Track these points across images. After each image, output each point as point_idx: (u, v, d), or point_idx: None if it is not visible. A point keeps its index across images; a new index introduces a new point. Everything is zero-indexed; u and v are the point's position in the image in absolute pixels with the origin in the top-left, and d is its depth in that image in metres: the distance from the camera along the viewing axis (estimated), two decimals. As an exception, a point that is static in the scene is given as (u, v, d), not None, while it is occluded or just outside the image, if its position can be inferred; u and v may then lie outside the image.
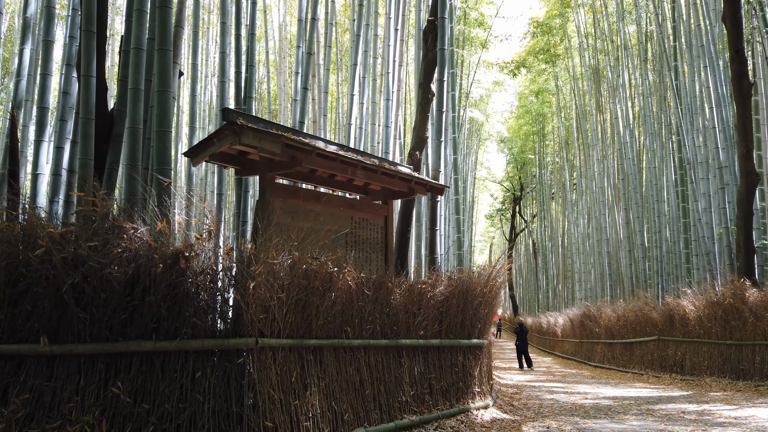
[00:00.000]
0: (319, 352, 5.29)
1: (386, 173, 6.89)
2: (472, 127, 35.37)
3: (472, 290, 7.72)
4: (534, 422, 7.78)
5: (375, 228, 7.49)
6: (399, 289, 6.40)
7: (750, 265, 12.13)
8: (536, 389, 12.73)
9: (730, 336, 12.51)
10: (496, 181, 59.41)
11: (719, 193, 15.24)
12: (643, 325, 16.59)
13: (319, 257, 5.30)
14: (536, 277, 50.09)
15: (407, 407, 6.27)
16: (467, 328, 7.65)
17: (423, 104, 8.57)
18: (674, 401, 10.03)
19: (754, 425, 7.28)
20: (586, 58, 28.04)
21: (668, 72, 17.91)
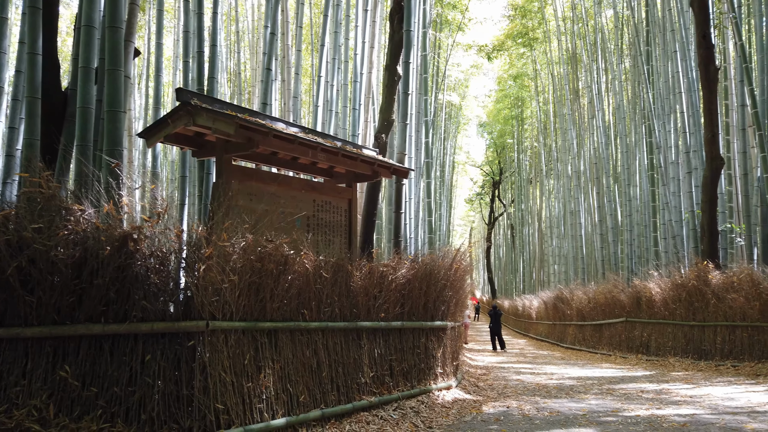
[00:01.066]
0: (274, 335, 5.28)
1: (348, 156, 6.85)
2: (451, 111, 35.33)
3: (435, 273, 7.75)
4: (495, 402, 7.91)
5: (338, 211, 7.47)
6: (359, 272, 6.40)
7: (714, 248, 12.38)
8: (505, 370, 12.92)
9: (693, 317, 12.80)
10: (475, 166, 59.58)
11: (687, 177, 15.48)
12: (612, 307, 16.89)
13: (274, 240, 5.27)
14: (514, 261, 50.63)
15: (366, 389, 6.31)
16: (431, 310, 7.70)
17: (389, 86, 8.51)
18: (636, 381, 10.26)
19: (707, 403, 7.48)
20: (564, 42, 28.08)
21: (640, 57, 18.03)
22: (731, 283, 11.70)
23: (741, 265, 11.85)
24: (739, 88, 13.67)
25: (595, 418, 6.57)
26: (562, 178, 30.58)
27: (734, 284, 11.62)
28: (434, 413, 6.74)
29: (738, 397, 7.91)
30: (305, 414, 5.34)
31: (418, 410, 6.67)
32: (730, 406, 7.18)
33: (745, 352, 11.39)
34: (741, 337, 11.54)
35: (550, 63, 30.71)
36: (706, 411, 6.90)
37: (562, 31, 28.04)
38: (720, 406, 7.20)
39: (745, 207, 13.71)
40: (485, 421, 6.54)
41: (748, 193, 13.66)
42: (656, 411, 6.94)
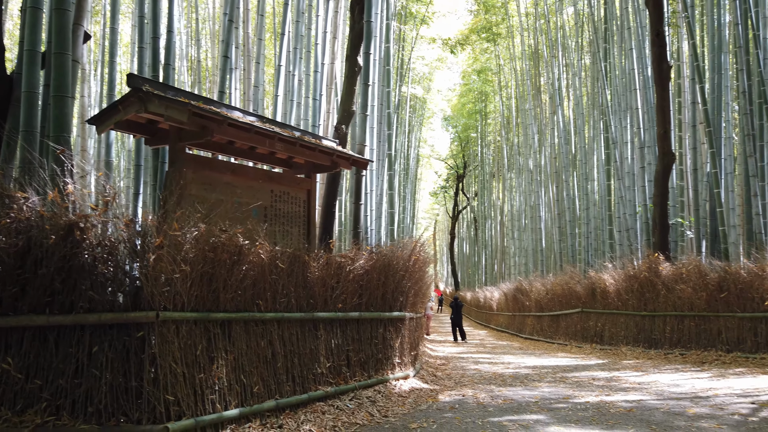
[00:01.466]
0: (228, 326, 5.23)
1: (306, 146, 6.81)
2: (416, 104, 35.44)
3: (394, 264, 7.80)
4: (452, 391, 8.03)
5: (297, 202, 7.43)
6: (316, 263, 6.39)
7: (665, 240, 12.81)
8: (464, 360, 13.12)
9: (644, 307, 13.23)
10: (440, 159, 60.01)
11: (641, 172, 15.95)
12: (568, 299, 17.31)
13: (228, 230, 5.21)
14: (477, 253, 51.31)
15: (323, 379, 6.32)
16: (389, 301, 7.75)
17: (349, 77, 8.47)
18: (589, 369, 10.56)
19: (654, 389, 7.76)
20: (526, 38, 28.47)
21: (598, 54, 18.45)
22: (680, 275, 12.15)
23: (690, 257, 12.31)
24: (691, 86, 14.16)
25: (546, 405, 6.74)
26: (523, 172, 31.11)
27: (683, 275, 12.06)
28: (391, 402, 6.80)
29: (683, 384, 8.23)
30: (259, 405, 5.31)
31: (374, 400, 6.72)
32: (675, 392, 7.47)
33: (693, 340, 11.85)
34: (689, 326, 12.00)
35: (513, 58, 31.11)
36: (653, 397, 7.16)
37: (524, 27, 28.42)
38: (666, 392, 7.48)
39: (695, 201, 14.25)
40: (440, 409, 6.64)
41: (697, 188, 14.20)
42: (605, 397, 7.16)
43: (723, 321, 11.21)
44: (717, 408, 6.28)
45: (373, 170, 12.16)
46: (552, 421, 5.75)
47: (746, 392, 7.36)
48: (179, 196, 5.19)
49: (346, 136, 8.45)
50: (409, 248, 8.24)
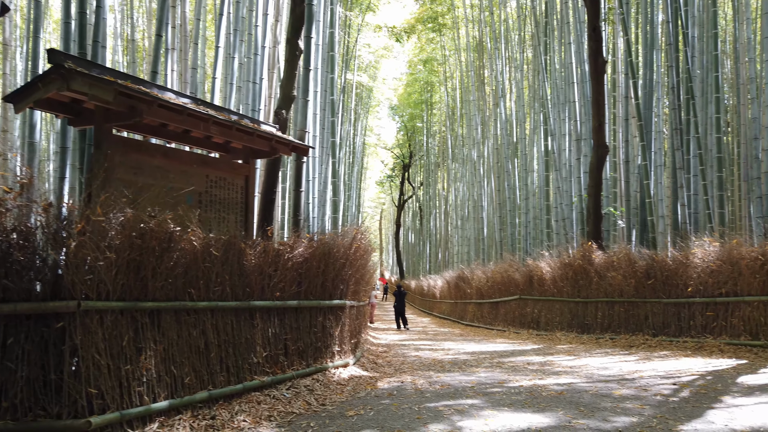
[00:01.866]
0: (157, 315, 5.04)
1: (243, 130, 6.62)
2: (362, 92, 35.29)
3: (334, 252, 7.74)
4: (391, 378, 8.08)
5: (234, 188, 7.23)
6: (253, 251, 6.24)
7: (598, 229, 13.32)
8: (405, 347, 13.24)
9: (578, 294, 13.73)
10: (386, 148, 60.12)
11: (577, 163, 16.50)
12: (507, 286, 17.76)
13: (157, 215, 5.00)
14: (422, 242, 51.89)
15: (259, 368, 6.21)
16: (329, 289, 7.69)
17: (290, 61, 8.28)
18: (524, 354, 10.88)
19: (584, 372, 8.07)
20: (471, 30, 28.78)
21: (539, 47, 18.89)
22: (611, 263, 12.66)
23: (621, 245, 12.85)
24: (625, 81, 14.72)
25: (482, 389, 6.89)
26: (467, 163, 31.59)
27: (614, 263, 12.58)
28: (329, 391, 6.77)
29: (612, 367, 8.60)
30: (191, 396, 5.16)
31: (312, 388, 6.66)
32: (604, 375, 7.79)
33: (622, 325, 12.40)
34: (618, 312, 12.54)
35: (458, 50, 31.42)
36: (583, 380, 7.43)
37: (469, 19, 28.71)
38: (595, 375, 7.79)
39: (627, 192, 14.89)
40: (378, 396, 6.66)
41: (629, 180, 14.83)
42: (538, 381, 7.38)
43: (650, 307, 11.77)
44: (641, 389, 6.59)
45: (316, 157, 12.02)
46: (486, 405, 5.87)
47: (669, 374, 7.76)
48: (105, 180, 4.94)
49: (287, 122, 8.28)
50: (351, 236, 8.20)
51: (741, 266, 10.12)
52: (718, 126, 13.28)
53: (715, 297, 10.52)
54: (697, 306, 10.85)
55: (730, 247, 10.47)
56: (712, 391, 6.36)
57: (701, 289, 10.76)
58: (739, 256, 10.20)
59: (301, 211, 8.62)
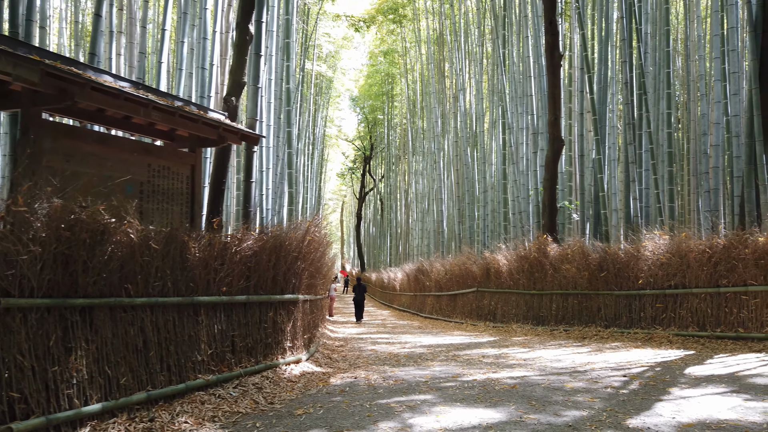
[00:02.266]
0: (89, 313, 4.72)
1: (187, 117, 6.30)
2: (322, 82, 34.83)
3: (286, 245, 7.50)
4: (344, 373, 7.91)
5: (179, 177, 6.89)
6: (197, 244, 5.95)
7: (553, 222, 13.45)
8: (363, 341, 13.10)
9: (534, 286, 13.86)
10: (347, 140, 59.77)
11: (533, 157, 16.64)
12: (465, 278, 17.83)
13: (90, 205, 4.67)
14: (383, 235, 51.87)
15: (204, 367, 5.94)
16: (280, 283, 7.45)
17: (240, 46, 7.94)
18: (480, 347, 10.88)
19: (538, 365, 8.09)
20: (432, 22, 28.70)
21: (497, 41, 18.93)
22: (566, 255, 12.81)
23: (575, 238, 13.00)
24: (581, 75, 14.89)
25: (436, 384, 6.79)
26: (427, 155, 31.61)
27: (568, 256, 12.73)
28: (279, 388, 6.55)
29: (564, 359, 8.66)
30: (127, 398, 4.87)
31: (261, 386, 6.43)
32: (557, 368, 7.82)
33: (576, 317, 12.57)
34: (572, 304, 12.71)
35: (418, 42, 31.32)
36: (536, 373, 7.44)
37: (430, 11, 28.61)
38: (548, 368, 7.81)
39: (581, 185, 15.10)
40: (330, 393, 6.48)
41: (584, 173, 15.04)
42: (492, 375, 7.35)
43: (602, 299, 11.96)
44: (592, 382, 6.62)
45: (271, 147, 11.70)
46: (439, 401, 5.77)
47: (620, 365, 7.85)
48: (31, 168, 4.57)
49: (236, 109, 7.96)
50: (303, 229, 7.97)
51: (689, 259, 10.35)
52: (669, 121, 13.59)
53: (665, 289, 10.75)
54: (647, 298, 11.07)
55: (679, 240, 10.71)
56: (661, 383, 6.44)
57: (651, 282, 10.98)
58: (688, 249, 10.43)
59: (252, 203, 8.33)
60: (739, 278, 9.61)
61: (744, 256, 9.52)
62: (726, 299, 9.83)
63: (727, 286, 9.79)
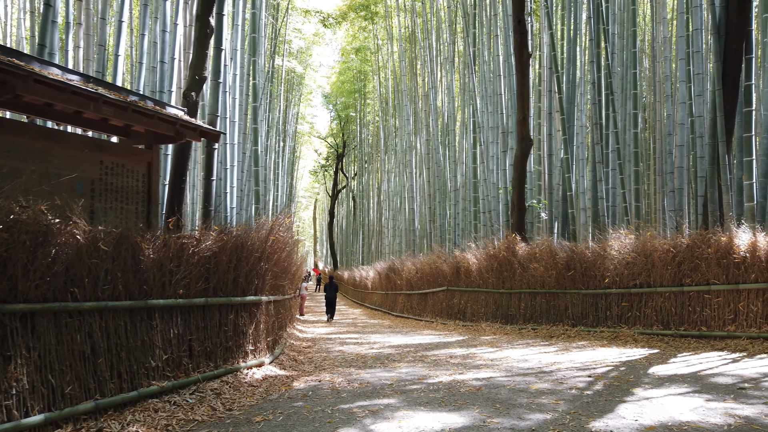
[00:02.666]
0: (31, 318, 4.46)
1: (141, 112, 6.03)
2: (292, 78, 34.40)
3: (248, 245, 7.28)
4: (309, 376, 7.74)
5: (134, 175, 6.62)
6: (151, 245, 5.71)
7: (521, 221, 13.47)
8: (331, 341, 12.93)
9: (503, 285, 13.87)
10: (320, 137, 59.36)
11: (503, 156, 16.67)
12: (435, 277, 17.79)
13: (31, 205, 4.40)
14: (356, 233, 51.66)
15: (159, 373, 5.70)
16: (241, 285, 7.23)
17: (200, 39, 7.66)
18: (449, 346, 10.82)
19: (504, 365, 8.04)
20: (404, 20, 28.58)
21: (467, 39, 18.90)
22: (534, 254, 12.84)
23: (543, 237, 13.04)
24: (549, 75, 14.94)
25: (401, 387, 6.68)
26: (399, 153, 31.51)
27: (536, 255, 12.76)
28: (239, 394, 6.34)
29: (531, 359, 8.63)
30: (72, 407, 4.62)
31: (220, 392, 6.22)
32: (523, 368, 7.78)
33: (543, 316, 12.61)
34: (540, 303, 12.74)
35: (390, 39, 31.17)
36: (502, 374, 7.38)
37: (402, 8, 28.48)
38: (514, 368, 7.77)
39: (550, 185, 15.18)
40: (292, 398, 6.31)
41: (552, 172, 15.12)
42: (458, 376, 7.26)
43: (569, 297, 12.02)
44: (557, 383, 6.58)
45: (236, 144, 11.41)
46: (403, 405, 5.65)
47: (585, 365, 7.85)
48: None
49: (197, 105, 7.69)
50: (266, 228, 7.76)
51: (654, 258, 10.45)
52: (635, 122, 13.73)
53: (630, 288, 10.83)
54: (613, 297, 11.15)
55: (644, 239, 10.80)
56: (625, 383, 6.43)
57: (617, 281, 11.06)
58: (653, 249, 10.53)
59: (212, 202, 8.07)
60: (702, 277, 9.73)
61: (707, 255, 9.64)
62: (689, 298, 9.94)
63: (691, 285, 9.91)
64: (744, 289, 9.19)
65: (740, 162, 11.37)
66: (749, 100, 11.34)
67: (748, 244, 9.23)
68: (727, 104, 10.89)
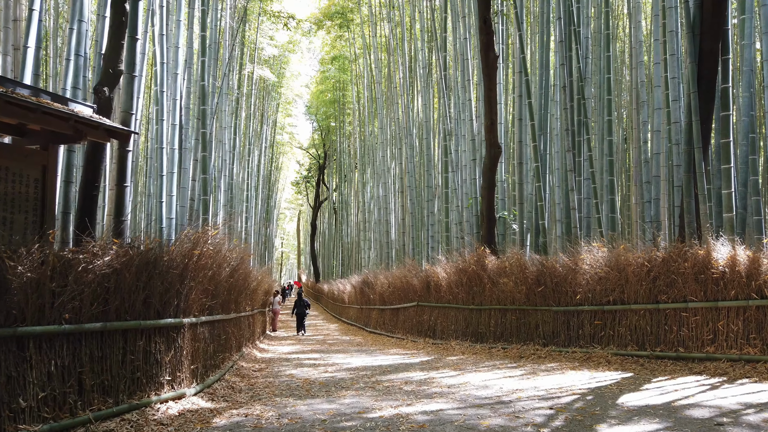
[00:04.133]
0: None
1: (24, 106, 5.15)
2: (268, 86, 33.54)
3: (164, 261, 6.40)
4: (237, 409, 6.82)
5: (24, 180, 5.72)
6: (23, 262, 4.80)
7: (491, 233, 12.67)
8: (288, 363, 12.01)
9: (472, 301, 13.06)
10: (301, 148, 58.66)
11: (472, 164, 15.89)
12: (406, 292, 16.95)
13: None
14: (336, 245, 50.80)
15: (32, 414, 4.78)
16: (155, 306, 6.33)
17: (114, 27, 6.77)
18: (410, 369, 9.95)
19: (460, 394, 7.20)
20: (380, 28, 27.94)
21: (436, 43, 18.19)
22: (504, 268, 12.04)
23: (513, 250, 12.25)
24: (519, 78, 14.20)
25: (334, 424, 5.80)
26: (376, 164, 30.75)
27: (506, 269, 11.96)
28: (141, 435, 5.43)
29: (492, 385, 7.81)
30: None
31: (116, 433, 5.30)
32: (480, 397, 6.96)
33: (514, 334, 11.80)
34: (510, 320, 11.94)
35: (367, 48, 30.52)
36: (454, 405, 6.55)
37: (378, 16, 27.86)
38: (470, 398, 6.94)
39: (521, 195, 14.38)
40: (202, 440, 5.40)
41: (522, 182, 14.33)
42: (405, 409, 6.41)
43: (540, 315, 11.22)
44: (513, 417, 5.76)
45: (176, 149, 10.53)
46: (324, 451, 4.78)
47: (549, 393, 7.04)
48: None
49: (111, 101, 6.82)
50: (187, 242, 6.87)
51: (628, 273, 9.70)
52: (610, 129, 13.06)
53: (603, 305, 10.07)
54: (585, 314, 10.37)
55: (618, 253, 10.05)
56: (589, 417, 5.62)
57: (590, 297, 10.29)
58: (626, 263, 9.78)
59: (125, 212, 7.17)
60: (678, 294, 8.99)
61: (683, 270, 8.90)
62: (666, 316, 9.19)
63: (667, 302, 9.16)
64: (723, 307, 8.45)
65: (718, 170, 10.69)
66: (726, 104, 10.69)
67: (727, 258, 8.50)
68: (703, 109, 10.23)
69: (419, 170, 23.40)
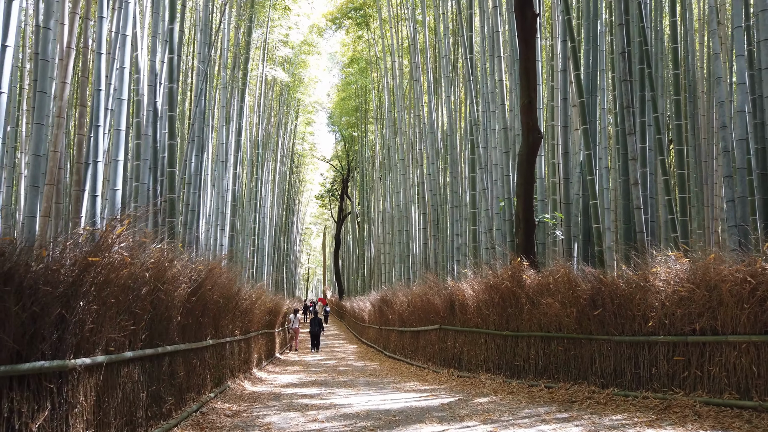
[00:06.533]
0: None
1: None
2: (282, 90, 31.62)
3: (27, 273, 4.15)
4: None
5: None
6: None
7: (530, 241, 10.12)
8: (274, 402, 9.64)
9: (507, 326, 10.55)
10: (325, 160, 57.12)
11: (503, 159, 13.34)
12: (427, 313, 14.52)
13: None
14: (360, 260, 48.79)
15: None
16: (7, 344, 4.07)
17: None
18: (425, 418, 7.48)
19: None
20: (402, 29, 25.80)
21: (461, 29, 15.79)
22: (547, 285, 9.49)
23: (558, 262, 9.66)
24: (563, 48, 11.49)
25: None
26: (398, 172, 28.46)
27: (550, 286, 9.41)
28: None
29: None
30: None
31: None
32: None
33: (561, 370, 9.23)
34: (556, 351, 9.37)
35: (385, 49, 28.38)
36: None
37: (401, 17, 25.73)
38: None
39: (566, 194, 11.69)
40: None
41: (569, 178, 11.67)
42: None
43: (597, 346, 8.62)
44: None
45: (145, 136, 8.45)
46: None
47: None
48: None
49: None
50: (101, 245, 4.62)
51: (722, 291, 7.08)
52: (678, 111, 10.37)
53: (686, 335, 7.44)
54: (661, 347, 7.74)
55: (705, 264, 7.42)
56: None
57: (666, 324, 7.67)
58: (719, 278, 7.16)
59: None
60: (803, 321, 6.33)
61: (810, 287, 6.25)
62: (783, 353, 6.52)
63: (785, 332, 6.50)
64: None
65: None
66: None
67: None
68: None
69: (444, 176, 20.97)
